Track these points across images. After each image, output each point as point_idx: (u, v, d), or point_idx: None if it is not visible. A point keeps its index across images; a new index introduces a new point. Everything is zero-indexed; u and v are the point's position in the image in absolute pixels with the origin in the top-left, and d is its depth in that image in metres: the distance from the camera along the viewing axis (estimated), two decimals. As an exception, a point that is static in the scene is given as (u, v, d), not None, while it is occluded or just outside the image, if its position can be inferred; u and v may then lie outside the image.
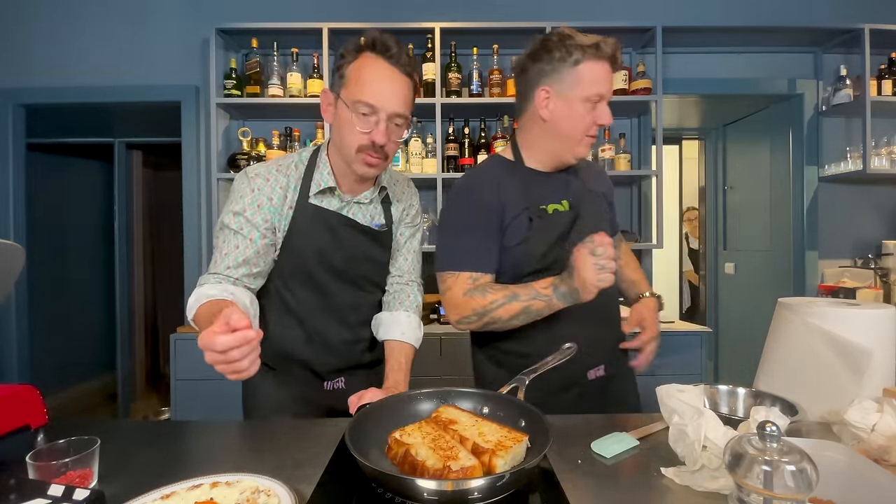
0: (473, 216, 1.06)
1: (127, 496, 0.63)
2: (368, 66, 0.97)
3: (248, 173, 1.05)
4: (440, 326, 2.34)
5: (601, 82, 1.02)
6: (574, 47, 1.00)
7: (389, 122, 0.98)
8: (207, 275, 1.00)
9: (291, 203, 1.05)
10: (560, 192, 1.11)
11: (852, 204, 2.78)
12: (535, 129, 1.09)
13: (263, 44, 2.51)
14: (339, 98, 0.99)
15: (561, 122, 1.04)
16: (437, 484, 0.59)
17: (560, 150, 1.08)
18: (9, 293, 0.85)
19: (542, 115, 1.05)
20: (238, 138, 2.59)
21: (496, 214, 1.05)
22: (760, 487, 0.51)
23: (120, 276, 3.73)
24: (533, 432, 0.74)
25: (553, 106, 1.04)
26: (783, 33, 2.59)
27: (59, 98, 2.66)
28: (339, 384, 1.14)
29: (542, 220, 1.06)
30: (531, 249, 1.05)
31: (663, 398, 0.78)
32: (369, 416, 0.78)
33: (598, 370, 1.12)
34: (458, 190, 1.11)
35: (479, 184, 1.09)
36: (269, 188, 1.04)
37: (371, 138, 0.97)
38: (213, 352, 0.65)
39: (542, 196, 1.08)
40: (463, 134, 2.55)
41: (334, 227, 1.07)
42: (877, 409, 0.74)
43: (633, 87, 2.50)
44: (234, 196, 1.04)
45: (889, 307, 0.89)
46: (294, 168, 1.07)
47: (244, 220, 1.01)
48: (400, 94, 0.98)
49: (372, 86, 0.96)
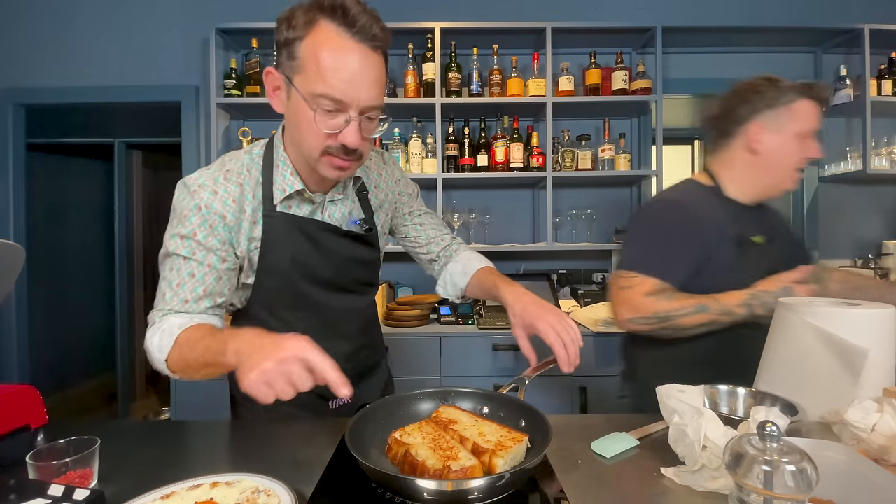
0: (678, 227, 1.08)
1: (127, 496, 0.63)
2: (330, 45, 0.73)
3: (189, 185, 0.84)
4: (440, 326, 2.34)
5: (813, 118, 1.08)
6: (787, 88, 1.08)
7: (362, 117, 0.77)
8: (157, 312, 0.82)
9: (254, 216, 0.87)
10: (759, 224, 1.14)
11: (852, 204, 2.78)
12: (741, 161, 1.14)
13: (263, 44, 2.51)
14: (293, 85, 0.76)
15: (774, 156, 1.10)
16: (437, 484, 0.59)
17: (770, 183, 1.14)
18: (9, 293, 0.85)
19: (755, 147, 1.11)
20: (238, 138, 2.59)
21: (702, 234, 1.07)
22: (760, 487, 0.51)
23: (120, 276, 3.72)
24: (533, 432, 0.74)
25: (767, 140, 1.10)
26: (783, 33, 2.58)
27: (59, 98, 2.66)
28: (345, 399, 1.04)
29: (754, 249, 1.10)
30: (745, 279, 1.06)
31: (663, 398, 0.78)
32: (369, 416, 0.78)
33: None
34: (667, 201, 1.15)
35: (691, 200, 1.12)
36: (219, 203, 0.84)
37: (340, 140, 0.78)
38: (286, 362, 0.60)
39: (746, 227, 1.12)
40: (463, 134, 2.55)
41: (312, 235, 0.91)
42: (877, 409, 0.74)
43: (633, 87, 2.50)
44: (176, 216, 0.84)
45: (889, 307, 0.89)
46: (247, 173, 0.87)
47: (195, 245, 0.82)
48: (373, 81, 0.76)
49: (338, 74, 0.73)
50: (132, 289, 3.89)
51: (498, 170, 2.50)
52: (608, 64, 2.55)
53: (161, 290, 0.84)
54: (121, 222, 3.75)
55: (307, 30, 0.74)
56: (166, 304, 0.82)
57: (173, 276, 0.83)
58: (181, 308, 0.82)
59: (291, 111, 0.80)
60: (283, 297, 0.92)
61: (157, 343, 0.79)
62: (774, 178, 1.11)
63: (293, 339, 0.64)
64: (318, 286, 0.94)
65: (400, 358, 2.23)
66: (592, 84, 2.52)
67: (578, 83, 2.60)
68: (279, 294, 0.92)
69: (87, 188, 4.04)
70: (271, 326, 0.85)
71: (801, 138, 1.07)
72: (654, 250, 1.08)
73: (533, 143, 2.53)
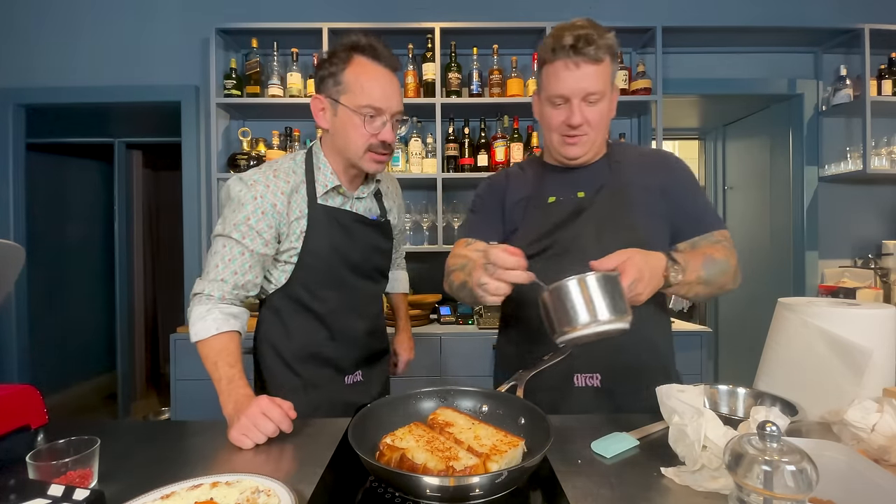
0: (478, 197, 1.19)
1: (127, 496, 0.63)
2: (366, 71, 1.03)
3: (246, 181, 1.05)
4: (440, 326, 2.34)
5: (562, 82, 1.00)
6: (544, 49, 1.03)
7: (393, 120, 1.06)
8: (206, 282, 1.03)
9: (301, 208, 1.08)
10: (576, 185, 1.10)
11: (852, 204, 2.78)
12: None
13: (263, 44, 2.51)
14: (339, 103, 1.03)
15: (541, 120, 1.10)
16: (440, 480, 0.59)
17: (547, 145, 1.13)
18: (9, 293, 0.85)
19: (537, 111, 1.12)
20: (238, 138, 2.59)
21: (494, 199, 1.15)
22: (760, 487, 0.51)
23: (120, 276, 3.72)
24: (533, 431, 0.74)
25: (536, 106, 1.10)
26: (783, 33, 2.58)
27: (59, 98, 2.66)
28: (358, 377, 1.20)
29: (537, 209, 1.09)
30: (521, 237, 1.08)
31: (663, 398, 0.78)
32: (370, 416, 0.78)
33: (590, 378, 1.03)
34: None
35: (499, 173, 1.22)
36: (271, 195, 1.05)
37: (380, 138, 1.04)
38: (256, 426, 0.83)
39: (550, 188, 1.11)
40: (463, 134, 2.55)
41: (346, 224, 1.13)
42: (877, 409, 0.74)
43: (633, 87, 2.50)
44: (233, 204, 1.05)
45: (889, 307, 0.89)
46: (293, 173, 1.10)
47: (247, 229, 1.03)
48: (398, 93, 1.07)
49: (375, 91, 1.02)
50: (132, 289, 3.90)
51: (498, 170, 2.50)
52: (608, 64, 2.55)
53: (213, 262, 1.04)
54: (121, 222, 3.75)
55: (347, 63, 1.03)
56: (219, 274, 1.02)
57: (226, 252, 1.03)
58: (227, 290, 1.03)
59: (339, 123, 1.06)
60: (320, 276, 1.12)
61: (200, 326, 0.99)
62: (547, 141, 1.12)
63: (259, 399, 0.87)
64: (348, 269, 1.14)
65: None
66: (592, 84, 2.52)
67: (578, 83, 2.59)
68: (317, 272, 1.11)
69: (87, 188, 4.04)
70: (306, 302, 1.12)
71: (554, 105, 1.04)
72: (468, 219, 1.20)
73: (533, 143, 2.54)
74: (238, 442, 0.82)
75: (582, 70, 0.98)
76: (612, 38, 1.01)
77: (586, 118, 1.01)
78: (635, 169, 1.10)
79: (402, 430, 0.75)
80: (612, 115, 1.08)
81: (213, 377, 0.96)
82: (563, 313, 0.74)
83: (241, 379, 0.96)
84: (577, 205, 1.07)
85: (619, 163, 1.11)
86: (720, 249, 1.01)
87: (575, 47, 0.97)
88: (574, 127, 1.01)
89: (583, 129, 1.02)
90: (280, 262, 1.11)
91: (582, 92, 0.99)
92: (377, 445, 0.72)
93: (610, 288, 0.75)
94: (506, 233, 1.13)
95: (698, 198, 1.10)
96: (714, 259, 0.97)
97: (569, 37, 0.97)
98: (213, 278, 1.02)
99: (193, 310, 1.02)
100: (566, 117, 1.01)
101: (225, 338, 0.99)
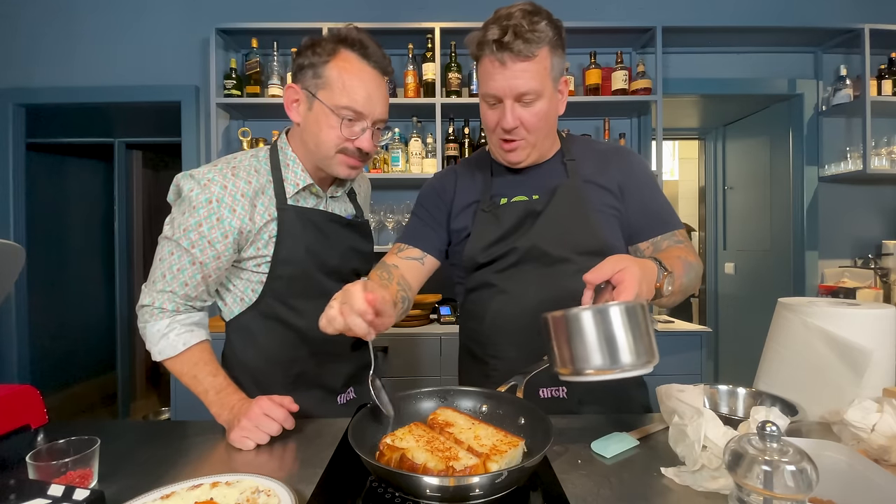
0: (418, 202, 1.12)
1: (127, 496, 0.63)
2: (351, 69, 0.91)
3: (199, 179, 0.91)
4: (440, 326, 2.34)
5: (492, 81, 0.90)
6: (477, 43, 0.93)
7: (374, 127, 0.95)
8: (155, 293, 0.92)
9: (270, 211, 0.96)
10: (529, 186, 1.02)
11: (852, 204, 2.78)
12: None
13: (263, 44, 2.51)
14: (316, 98, 0.92)
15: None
16: (440, 480, 0.59)
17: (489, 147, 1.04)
18: (9, 293, 0.85)
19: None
20: (238, 138, 2.59)
21: (434, 204, 1.09)
22: (760, 487, 0.51)
23: (120, 276, 3.72)
24: (533, 431, 0.74)
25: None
26: (783, 33, 2.59)
27: (59, 98, 2.66)
28: (351, 394, 1.11)
29: (488, 213, 1.01)
30: (474, 243, 1.01)
31: (663, 398, 0.78)
32: (370, 416, 0.78)
33: (554, 391, 0.97)
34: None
35: (438, 177, 1.13)
36: (229, 197, 0.91)
37: (356, 145, 0.94)
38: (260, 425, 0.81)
39: (502, 190, 1.03)
40: (463, 134, 2.55)
41: (321, 225, 1.02)
42: (877, 409, 0.74)
43: (633, 87, 2.50)
44: (184, 205, 0.92)
45: (889, 307, 0.89)
46: (256, 172, 0.97)
47: (198, 237, 0.90)
48: (384, 99, 0.96)
49: (358, 92, 0.91)
50: (132, 289, 3.89)
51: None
52: (608, 64, 2.56)
53: (160, 271, 0.93)
54: (121, 222, 3.75)
55: (332, 56, 0.91)
56: (167, 285, 0.92)
57: (173, 261, 0.92)
58: (180, 290, 0.92)
59: (311, 119, 0.94)
60: (295, 285, 0.99)
61: (161, 346, 0.92)
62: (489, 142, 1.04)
63: (259, 400, 0.84)
64: (325, 274, 1.02)
65: (400, 358, 2.23)
66: (592, 84, 2.52)
67: (578, 83, 2.60)
68: (293, 282, 0.99)
69: (87, 188, 4.04)
70: (282, 316, 0.99)
71: (487, 104, 0.96)
72: (408, 223, 1.13)
73: (533, 143, 2.53)
74: (239, 444, 0.81)
75: (510, 69, 0.87)
76: (551, 25, 0.88)
77: (521, 121, 0.91)
78: (591, 166, 1.03)
79: (402, 430, 0.75)
80: (559, 112, 0.97)
81: (196, 390, 0.91)
82: (573, 349, 0.62)
83: (229, 386, 0.91)
84: (531, 208, 0.99)
85: (574, 160, 1.03)
86: (688, 252, 0.94)
87: (500, 42, 0.85)
88: (508, 130, 0.92)
89: (518, 132, 0.93)
90: (245, 272, 0.98)
91: (513, 92, 0.88)
92: (377, 445, 0.72)
93: (634, 322, 0.60)
94: (453, 239, 1.06)
95: (657, 195, 1.03)
96: (690, 263, 0.90)
97: (495, 29, 0.86)
98: (162, 289, 0.92)
99: (148, 326, 0.93)
100: (500, 119, 0.92)
101: (196, 350, 0.93)
